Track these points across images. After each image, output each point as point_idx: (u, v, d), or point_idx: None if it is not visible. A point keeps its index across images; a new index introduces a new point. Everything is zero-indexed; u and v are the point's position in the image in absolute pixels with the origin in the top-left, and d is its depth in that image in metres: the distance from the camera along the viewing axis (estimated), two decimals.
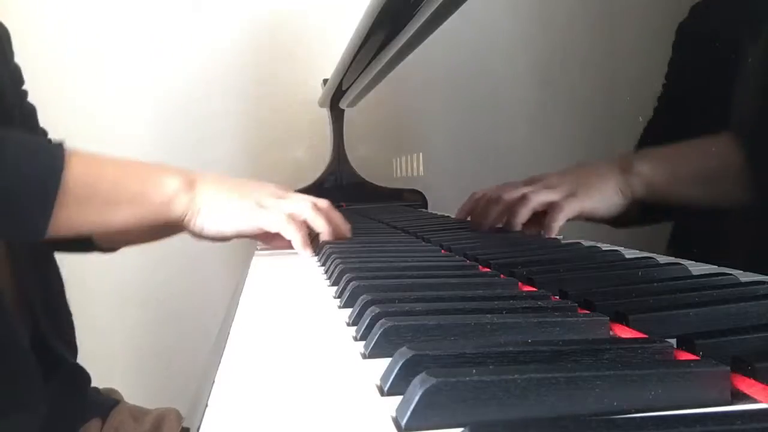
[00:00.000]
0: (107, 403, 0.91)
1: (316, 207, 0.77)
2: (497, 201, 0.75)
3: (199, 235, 0.74)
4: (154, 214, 0.70)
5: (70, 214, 0.63)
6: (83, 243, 0.86)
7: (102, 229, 0.71)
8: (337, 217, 0.79)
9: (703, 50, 0.47)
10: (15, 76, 0.90)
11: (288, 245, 0.75)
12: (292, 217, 0.74)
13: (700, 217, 0.47)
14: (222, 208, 0.73)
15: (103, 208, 0.67)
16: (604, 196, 0.57)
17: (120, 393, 0.97)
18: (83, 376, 0.87)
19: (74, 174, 0.62)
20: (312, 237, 0.77)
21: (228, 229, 0.73)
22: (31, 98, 0.92)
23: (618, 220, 0.57)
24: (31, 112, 0.92)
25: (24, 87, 0.91)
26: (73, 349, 0.88)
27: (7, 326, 0.72)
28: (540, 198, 0.68)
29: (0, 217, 0.61)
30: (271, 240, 0.80)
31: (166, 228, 0.75)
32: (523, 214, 0.70)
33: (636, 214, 0.55)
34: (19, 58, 0.91)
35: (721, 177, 0.45)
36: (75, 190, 0.63)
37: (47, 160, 0.62)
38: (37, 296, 0.80)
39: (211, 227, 0.72)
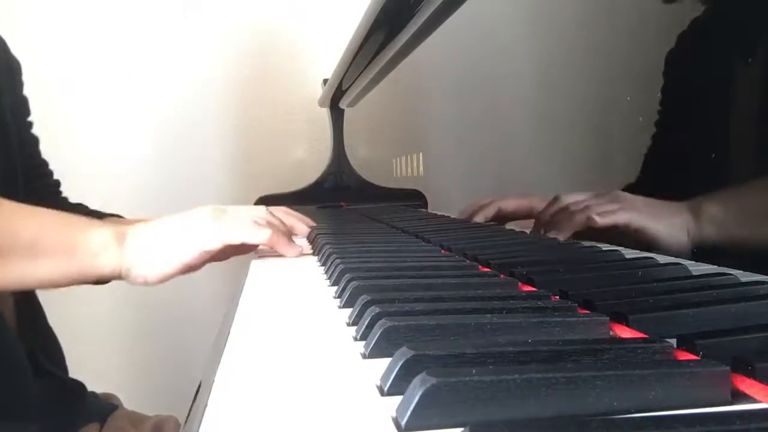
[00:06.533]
0: (105, 408, 0.91)
1: (272, 218, 0.71)
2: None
3: (154, 282, 0.65)
4: (80, 268, 0.63)
5: None
6: None
7: (22, 286, 0.64)
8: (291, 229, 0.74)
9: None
10: (21, 107, 0.89)
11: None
12: (257, 223, 0.68)
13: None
14: (173, 238, 0.64)
15: (25, 260, 0.60)
16: (667, 224, 0.52)
17: (118, 398, 0.97)
18: (78, 386, 0.87)
19: None
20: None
21: (191, 253, 0.64)
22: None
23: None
24: (32, 142, 0.92)
25: (30, 119, 0.92)
26: (63, 370, 0.88)
27: (8, 347, 0.72)
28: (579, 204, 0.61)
29: None
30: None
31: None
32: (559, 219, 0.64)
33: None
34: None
35: None
36: None
37: None
38: (26, 317, 0.79)
39: (166, 267, 0.64)
